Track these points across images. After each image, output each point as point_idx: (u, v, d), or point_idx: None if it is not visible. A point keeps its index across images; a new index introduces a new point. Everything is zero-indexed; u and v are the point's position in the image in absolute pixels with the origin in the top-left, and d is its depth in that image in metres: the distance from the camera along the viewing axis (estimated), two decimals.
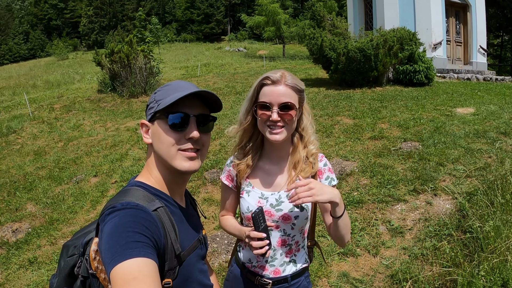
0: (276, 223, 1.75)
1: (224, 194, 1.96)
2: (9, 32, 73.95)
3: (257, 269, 1.82)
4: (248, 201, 1.79)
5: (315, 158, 1.79)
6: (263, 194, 1.78)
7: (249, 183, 1.83)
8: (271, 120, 1.63)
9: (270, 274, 1.80)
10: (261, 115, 1.67)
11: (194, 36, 65.84)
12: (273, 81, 1.66)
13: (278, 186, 1.79)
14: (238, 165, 1.83)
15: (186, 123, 1.25)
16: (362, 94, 11.67)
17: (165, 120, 1.24)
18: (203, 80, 18.63)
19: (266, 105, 1.64)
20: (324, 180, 1.81)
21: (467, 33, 17.07)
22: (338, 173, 6.01)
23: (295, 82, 1.69)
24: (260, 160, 1.84)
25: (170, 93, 1.26)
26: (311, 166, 1.77)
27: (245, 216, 1.80)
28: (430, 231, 4.30)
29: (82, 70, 32.09)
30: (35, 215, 6.49)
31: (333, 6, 40.36)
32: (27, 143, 11.18)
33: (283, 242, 1.78)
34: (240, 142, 1.84)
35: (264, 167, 1.83)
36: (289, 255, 1.81)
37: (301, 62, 25.86)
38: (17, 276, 4.84)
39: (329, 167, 1.84)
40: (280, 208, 1.74)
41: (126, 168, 7.75)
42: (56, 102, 16.97)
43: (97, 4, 72.64)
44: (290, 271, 1.81)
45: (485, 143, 6.47)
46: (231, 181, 1.90)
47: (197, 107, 1.29)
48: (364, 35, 14.23)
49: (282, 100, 1.63)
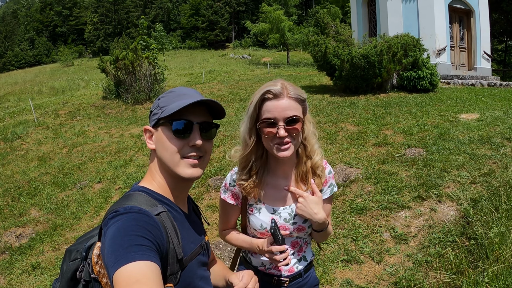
0: (291, 233, 1.77)
1: (227, 211, 1.90)
2: (15, 39, 74.58)
3: (272, 270, 1.84)
4: (261, 218, 1.76)
5: (323, 170, 1.77)
6: (275, 210, 1.76)
7: (259, 200, 1.79)
8: (278, 136, 1.56)
9: (286, 273, 1.82)
10: (267, 133, 1.58)
11: (198, 43, 66.27)
12: (275, 95, 1.56)
13: (289, 200, 1.77)
14: (246, 186, 1.74)
15: (189, 130, 1.26)
16: (366, 101, 11.66)
17: (169, 127, 1.25)
18: (207, 87, 18.68)
19: (271, 122, 1.56)
20: (327, 187, 1.82)
21: (471, 38, 17.06)
22: (342, 180, 6.00)
23: (297, 93, 1.60)
24: (267, 175, 1.78)
25: (174, 100, 1.27)
26: (320, 179, 1.76)
27: (258, 232, 1.78)
28: (435, 238, 4.27)
29: (87, 76, 32.30)
30: (38, 220, 6.50)
31: (337, 13, 40.59)
32: (32, 149, 11.23)
33: (295, 244, 1.82)
34: (246, 164, 1.75)
35: (272, 183, 1.78)
36: (300, 253, 1.85)
37: (305, 69, 25.91)
38: (20, 281, 4.85)
39: (332, 174, 1.85)
40: (294, 222, 1.75)
41: (130, 175, 7.77)
42: (61, 108, 17.05)
43: (102, 11, 73.26)
44: (302, 266, 1.86)
45: (489, 149, 6.43)
46: (236, 199, 1.84)
47: (200, 115, 1.30)
48: (368, 41, 14.25)
49: (287, 115, 1.55)
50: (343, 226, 4.83)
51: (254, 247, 1.77)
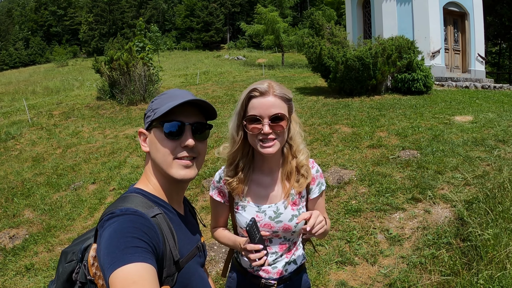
0: (276, 233, 1.77)
1: (216, 209, 1.93)
2: (9, 38, 74.27)
3: (260, 272, 1.83)
4: (245, 216, 1.77)
5: (307, 170, 1.78)
6: (260, 207, 1.77)
7: (244, 198, 1.80)
8: (262, 133, 1.59)
9: (274, 275, 1.82)
10: (252, 129, 1.62)
11: (193, 44, 66.22)
12: (261, 93, 1.61)
13: (274, 198, 1.78)
14: (231, 183, 1.77)
15: (181, 131, 1.27)
16: (360, 103, 11.69)
17: (161, 129, 1.26)
18: (202, 88, 18.67)
19: (257, 118, 1.60)
20: (315, 186, 1.83)
21: (465, 41, 17.17)
22: (336, 182, 6.01)
23: (283, 92, 1.64)
24: (252, 173, 1.80)
25: (167, 101, 1.27)
26: (305, 178, 1.77)
27: (244, 230, 1.78)
28: (429, 239, 4.29)
29: (81, 77, 32.21)
30: (32, 221, 6.47)
31: (332, 14, 40.76)
32: (26, 149, 11.17)
33: (284, 246, 1.81)
34: (233, 161, 1.78)
35: (257, 180, 1.80)
36: (289, 255, 1.84)
37: (300, 71, 25.94)
38: (13, 283, 4.81)
39: (320, 173, 1.86)
40: (279, 220, 1.74)
41: (124, 176, 7.74)
42: (55, 109, 16.97)
43: (97, 11, 73.03)
44: (291, 269, 1.85)
45: (483, 151, 6.47)
46: (222, 197, 1.87)
47: (192, 115, 1.30)
48: (362, 43, 14.31)
49: (272, 112, 1.59)
50: (337, 228, 4.84)
51: (237, 245, 1.77)
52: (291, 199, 1.77)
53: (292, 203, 1.77)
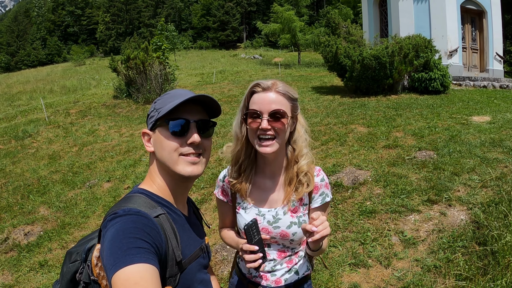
0: (274, 239, 1.72)
1: (221, 208, 1.91)
2: (27, 38, 75.47)
3: (258, 279, 1.78)
4: (245, 217, 1.73)
5: (309, 177, 1.70)
6: (260, 211, 1.73)
7: (246, 199, 1.77)
8: (261, 128, 1.55)
9: (272, 283, 1.76)
10: (250, 123, 1.58)
11: (209, 43, 66.54)
12: (263, 88, 1.58)
13: (274, 203, 1.73)
14: (235, 184, 1.74)
15: (186, 128, 1.27)
16: (377, 102, 11.58)
17: (166, 127, 1.27)
18: (218, 87, 18.71)
19: (256, 113, 1.56)
20: (318, 195, 1.75)
21: (483, 40, 16.87)
22: (351, 182, 5.95)
23: (286, 90, 1.60)
24: (255, 175, 1.76)
25: (170, 101, 1.28)
26: (303, 186, 1.69)
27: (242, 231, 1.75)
28: (444, 242, 4.20)
29: (98, 76, 32.54)
30: (47, 218, 6.55)
31: (348, 13, 40.48)
32: (42, 147, 11.33)
33: (283, 254, 1.76)
34: (237, 161, 1.75)
35: (259, 183, 1.76)
36: (290, 264, 1.77)
37: (316, 70, 25.86)
38: (27, 279, 4.88)
39: (326, 182, 1.77)
40: (277, 226, 1.70)
41: (139, 174, 7.79)
42: (72, 107, 17.19)
43: (114, 11, 73.84)
44: (292, 280, 1.77)
45: (501, 152, 6.33)
46: (225, 196, 1.84)
47: (196, 113, 1.31)
48: (379, 42, 14.17)
49: (272, 108, 1.54)
50: (351, 229, 4.79)
51: (238, 246, 1.73)
52: (292, 206, 1.71)
53: (292, 210, 1.71)
